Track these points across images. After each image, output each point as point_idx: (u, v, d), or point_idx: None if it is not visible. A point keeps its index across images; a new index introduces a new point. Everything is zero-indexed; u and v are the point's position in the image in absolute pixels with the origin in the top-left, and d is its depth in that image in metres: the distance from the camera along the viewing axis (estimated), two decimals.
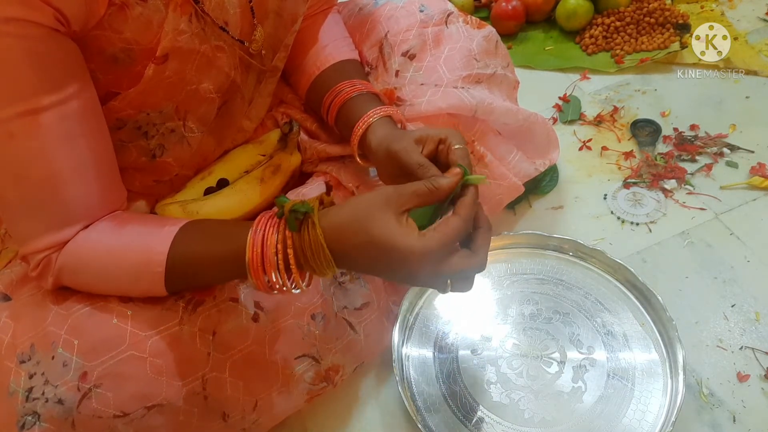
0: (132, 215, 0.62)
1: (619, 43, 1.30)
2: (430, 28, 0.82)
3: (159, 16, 0.59)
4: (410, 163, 0.61)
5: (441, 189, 0.55)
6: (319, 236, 0.52)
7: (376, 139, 0.68)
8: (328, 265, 0.53)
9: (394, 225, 0.51)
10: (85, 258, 0.58)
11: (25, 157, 0.53)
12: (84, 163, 0.56)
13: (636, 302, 0.85)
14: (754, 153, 1.08)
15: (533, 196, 1.04)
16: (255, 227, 0.55)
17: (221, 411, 0.64)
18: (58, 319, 0.58)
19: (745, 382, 0.80)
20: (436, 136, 0.62)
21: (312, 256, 0.53)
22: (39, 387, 0.55)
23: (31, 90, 0.51)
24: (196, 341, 0.61)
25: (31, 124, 0.52)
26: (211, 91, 0.69)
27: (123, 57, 0.59)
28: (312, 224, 0.53)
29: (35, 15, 0.49)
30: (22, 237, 0.58)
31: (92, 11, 0.54)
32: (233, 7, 0.65)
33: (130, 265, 0.58)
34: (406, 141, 0.63)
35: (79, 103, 0.54)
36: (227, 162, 0.78)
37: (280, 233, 0.53)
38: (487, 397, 0.78)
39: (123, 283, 0.59)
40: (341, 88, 0.74)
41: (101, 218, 0.59)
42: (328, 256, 0.53)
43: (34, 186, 0.54)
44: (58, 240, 0.57)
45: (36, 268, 0.58)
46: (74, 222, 0.57)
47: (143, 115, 0.66)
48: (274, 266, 0.53)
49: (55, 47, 0.52)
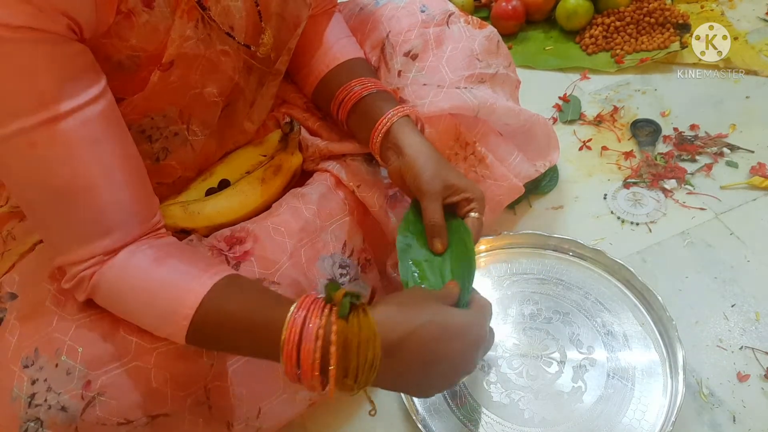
0: (177, 247, 0.60)
1: (619, 43, 1.30)
2: (432, 28, 0.82)
3: (165, 23, 0.58)
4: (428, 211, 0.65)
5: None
6: (371, 323, 0.50)
7: (407, 144, 0.68)
8: (371, 368, 0.50)
9: (442, 306, 0.55)
10: (119, 288, 0.56)
11: (50, 165, 0.52)
12: (111, 167, 0.55)
13: (636, 302, 0.85)
14: (754, 153, 1.08)
15: (533, 196, 1.04)
16: (299, 306, 0.51)
17: (225, 420, 0.65)
18: (63, 324, 0.58)
19: (745, 382, 0.80)
20: (466, 194, 0.65)
21: (358, 349, 0.49)
22: (41, 393, 0.55)
23: (49, 97, 0.50)
24: (202, 354, 0.61)
25: (53, 132, 0.50)
26: (215, 95, 0.69)
27: (129, 64, 0.59)
28: (363, 311, 0.50)
29: (49, 24, 0.48)
30: (56, 247, 0.56)
31: (101, 20, 0.53)
32: (239, 12, 0.65)
33: (161, 306, 0.55)
34: (437, 183, 0.65)
35: (98, 108, 0.53)
36: (229, 163, 0.78)
37: (325, 317, 0.50)
38: (487, 397, 0.78)
39: (150, 321, 0.57)
40: (353, 86, 0.74)
41: (145, 237, 0.58)
42: (377, 347, 0.49)
43: (62, 194, 0.53)
44: (96, 251, 0.55)
45: (71, 281, 0.56)
46: (109, 231, 0.55)
47: (147, 120, 0.65)
48: (310, 356, 0.49)
49: (71, 53, 0.51)
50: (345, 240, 0.74)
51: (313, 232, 0.71)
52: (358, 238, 0.76)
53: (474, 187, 0.66)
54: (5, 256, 0.67)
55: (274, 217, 0.71)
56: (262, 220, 0.71)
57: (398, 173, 0.69)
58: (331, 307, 0.51)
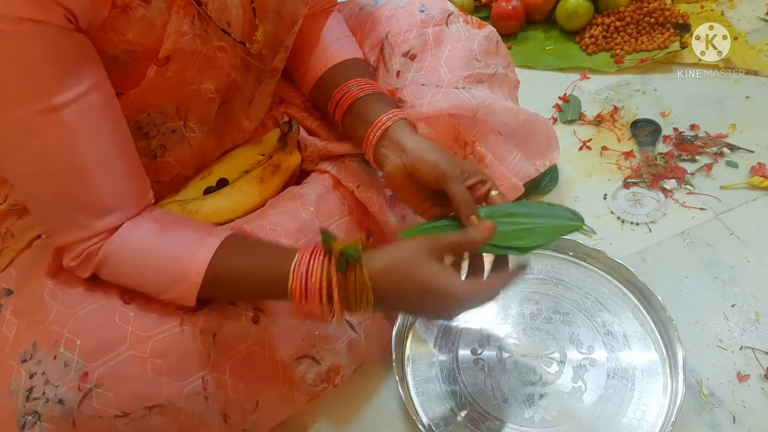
0: (175, 218, 0.64)
1: (619, 43, 1.30)
2: (431, 28, 0.81)
3: (162, 17, 0.59)
4: (456, 193, 0.63)
5: (474, 243, 0.61)
6: (366, 280, 0.56)
7: (410, 142, 0.67)
8: (368, 305, 0.57)
9: (439, 269, 0.57)
10: (126, 257, 0.59)
11: (50, 153, 0.53)
12: (109, 153, 0.57)
13: (636, 302, 0.85)
14: (754, 153, 1.08)
15: (533, 195, 1.04)
16: (300, 259, 0.57)
17: (222, 412, 0.64)
18: (60, 317, 0.58)
19: (745, 382, 0.80)
20: (479, 176, 0.66)
21: (355, 298, 0.56)
22: (39, 387, 0.55)
23: (48, 87, 0.51)
24: (197, 342, 0.61)
25: (52, 120, 0.52)
26: (211, 91, 0.69)
27: (125, 58, 0.59)
28: (360, 267, 0.56)
29: (46, 15, 0.49)
30: (55, 229, 0.58)
31: (97, 12, 0.54)
32: (236, 8, 0.65)
33: (168, 272, 0.59)
34: (456, 168, 0.65)
35: (97, 97, 0.55)
36: (227, 161, 0.78)
37: (326, 271, 0.56)
38: (487, 397, 0.78)
39: (157, 286, 0.60)
40: (350, 86, 0.74)
41: (141, 214, 0.60)
42: (370, 298, 0.56)
43: (61, 180, 0.55)
44: (97, 229, 0.57)
45: (77, 258, 0.59)
46: (111, 211, 0.58)
47: (144, 116, 0.66)
48: (317, 300, 0.56)
49: (69, 43, 0.52)
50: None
51: (311, 233, 0.71)
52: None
53: (483, 171, 0.67)
54: (3, 253, 0.67)
55: (270, 217, 0.71)
56: (258, 220, 0.71)
57: (400, 172, 0.67)
58: (329, 257, 0.56)
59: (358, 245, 0.56)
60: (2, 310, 0.61)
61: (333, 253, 0.56)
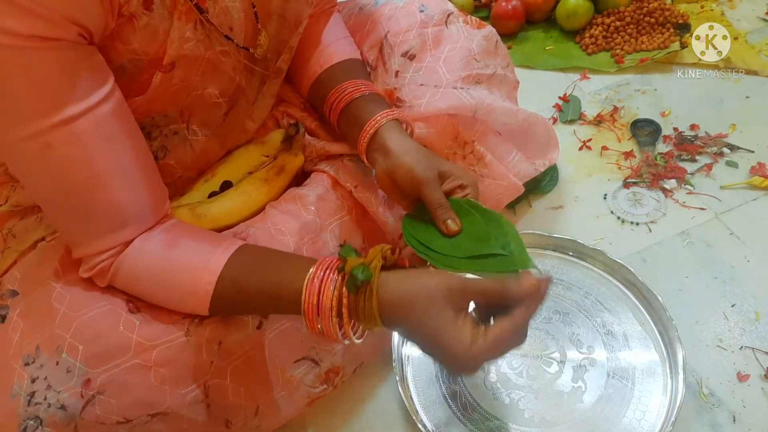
0: (184, 228, 0.63)
1: (619, 43, 1.30)
2: (430, 28, 0.81)
3: (165, 24, 0.59)
4: (431, 198, 0.63)
5: (510, 295, 0.54)
6: (374, 308, 0.54)
7: (394, 144, 0.67)
8: (379, 328, 0.55)
9: (450, 323, 0.53)
10: (138, 272, 0.59)
11: (67, 166, 0.53)
12: (126, 163, 0.57)
13: (636, 302, 0.85)
14: (754, 153, 1.08)
15: (533, 195, 1.04)
16: (313, 274, 0.56)
17: (224, 418, 0.65)
18: (65, 321, 0.58)
19: (745, 381, 0.80)
20: (459, 180, 0.65)
21: (365, 320, 0.55)
22: (41, 392, 0.55)
23: (62, 99, 0.51)
24: (202, 351, 0.61)
25: (68, 133, 0.52)
26: (216, 96, 0.69)
27: (131, 67, 0.59)
28: (370, 293, 0.54)
29: (61, 32, 0.49)
30: (74, 241, 0.59)
31: (107, 25, 0.54)
32: (237, 12, 0.65)
33: (180, 285, 0.59)
34: (431, 172, 0.64)
35: (110, 107, 0.55)
36: (230, 163, 0.78)
37: (337, 290, 0.55)
38: (487, 397, 0.78)
39: (171, 300, 0.60)
40: (344, 88, 0.74)
41: (156, 225, 0.60)
42: (378, 324, 0.55)
43: (79, 192, 0.55)
44: (114, 242, 0.58)
45: (90, 271, 0.59)
46: (126, 224, 0.58)
47: (148, 119, 0.66)
48: (328, 319, 0.55)
49: (81, 56, 0.52)
50: (345, 239, 0.74)
51: (313, 231, 0.71)
52: (358, 237, 0.76)
53: (466, 174, 0.66)
54: (5, 254, 0.67)
55: (273, 218, 0.71)
56: (261, 222, 0.71)
57: (386, 175, 0.68)
58: (343, 276, 0.55)
59: (374, 264, 0.54)
60: (8, 311, 0.61)
61: (345, 272, 0.54)
